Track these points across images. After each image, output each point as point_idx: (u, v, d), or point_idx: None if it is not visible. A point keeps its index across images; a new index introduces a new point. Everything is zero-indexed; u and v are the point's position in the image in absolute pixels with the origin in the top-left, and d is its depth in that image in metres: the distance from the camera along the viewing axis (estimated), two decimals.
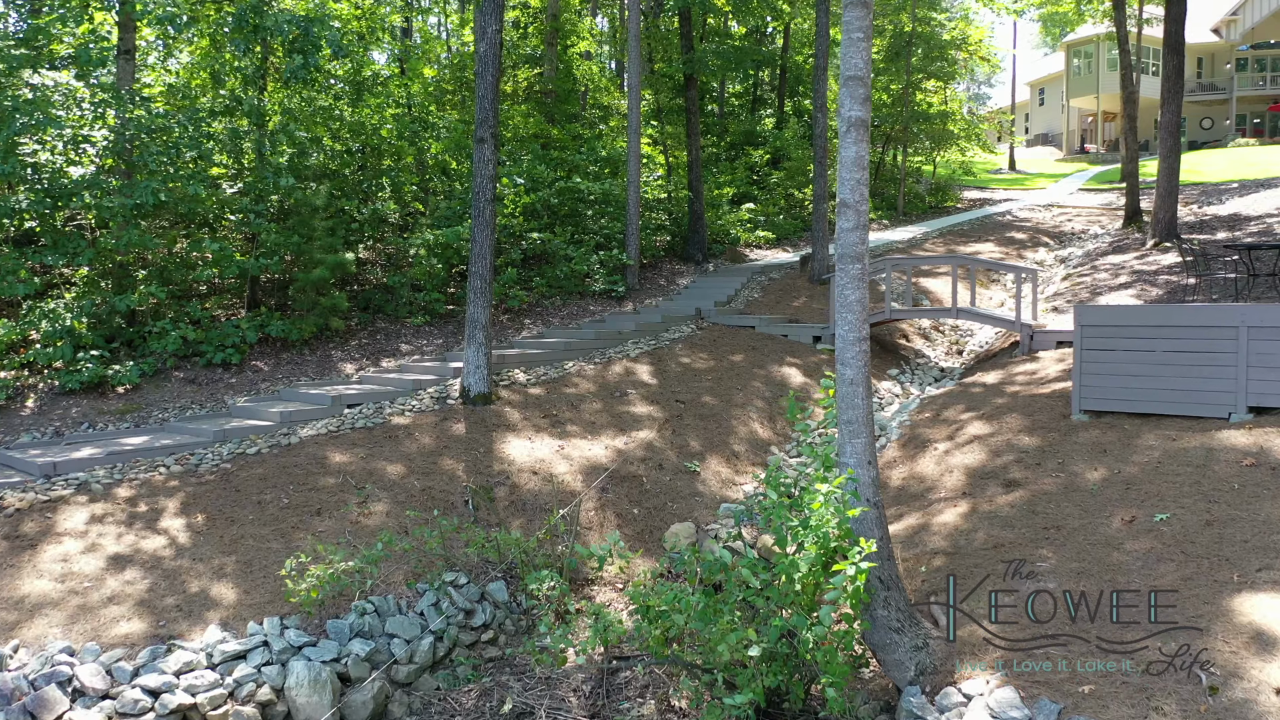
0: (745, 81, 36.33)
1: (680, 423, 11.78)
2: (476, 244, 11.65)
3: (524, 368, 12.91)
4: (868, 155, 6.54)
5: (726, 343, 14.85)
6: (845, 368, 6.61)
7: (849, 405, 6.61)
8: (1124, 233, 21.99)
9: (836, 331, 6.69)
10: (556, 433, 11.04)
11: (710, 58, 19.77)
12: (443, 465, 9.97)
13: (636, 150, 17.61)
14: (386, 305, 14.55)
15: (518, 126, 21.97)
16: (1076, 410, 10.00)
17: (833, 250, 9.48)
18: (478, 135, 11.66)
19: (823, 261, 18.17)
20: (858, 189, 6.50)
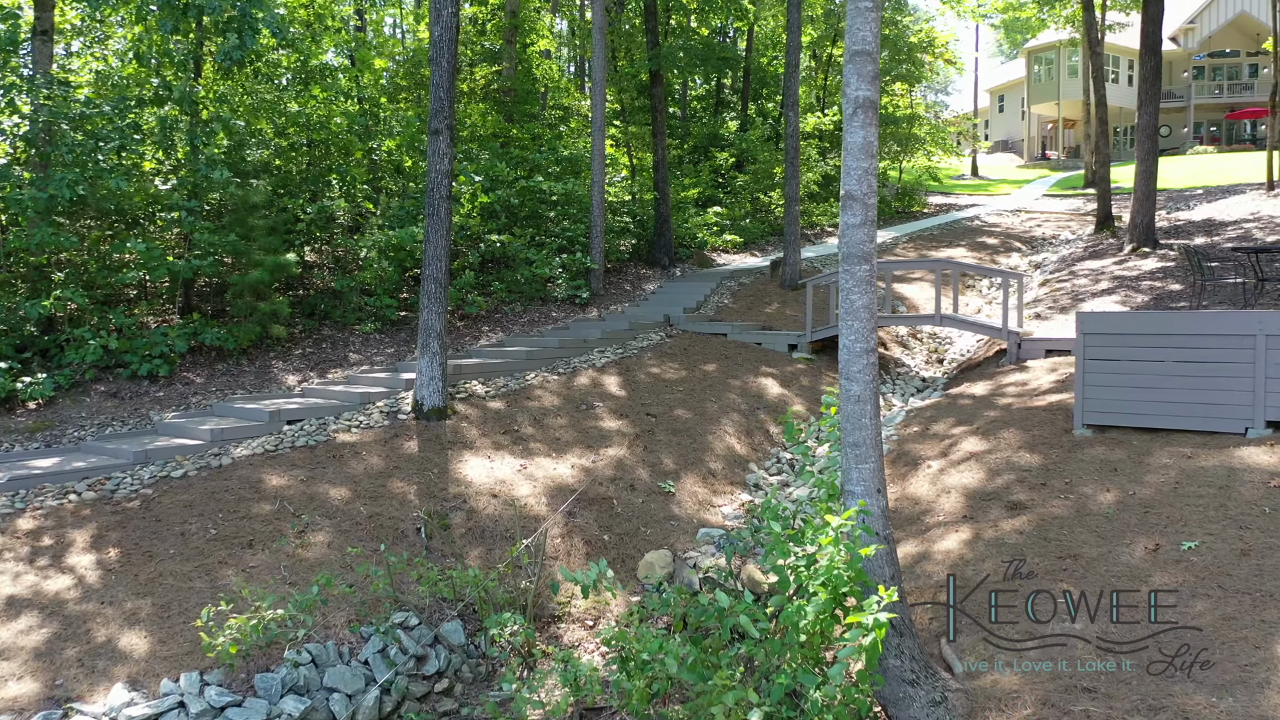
0: (708, 84, 35.68)
1: (652, 438, 10.93)
2: (430, 245, 10.72)
3: (482, 379, 11.99)
4: (877, 141, 5.74)
5: (698, 351, 14.03)
6: (851, 383, 5.80)
7: (855, 426, 5.80)
8: (1097, 238, 21.58)
9: (841, 342, 5.88)
10: (518, 450, 10.13)
11: (677, 54, 18.98)
12: (392, 488, 9.02)
13: (601, 148, 16.76)
14: (334, 311, 13.53)
15: (475, 125, 21.01)
16: (1079, 425, 9.32)
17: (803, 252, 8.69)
18: (432, 127, 10.74)
19: (795, 266, 17.46)
20: (865, 180, 5.70)
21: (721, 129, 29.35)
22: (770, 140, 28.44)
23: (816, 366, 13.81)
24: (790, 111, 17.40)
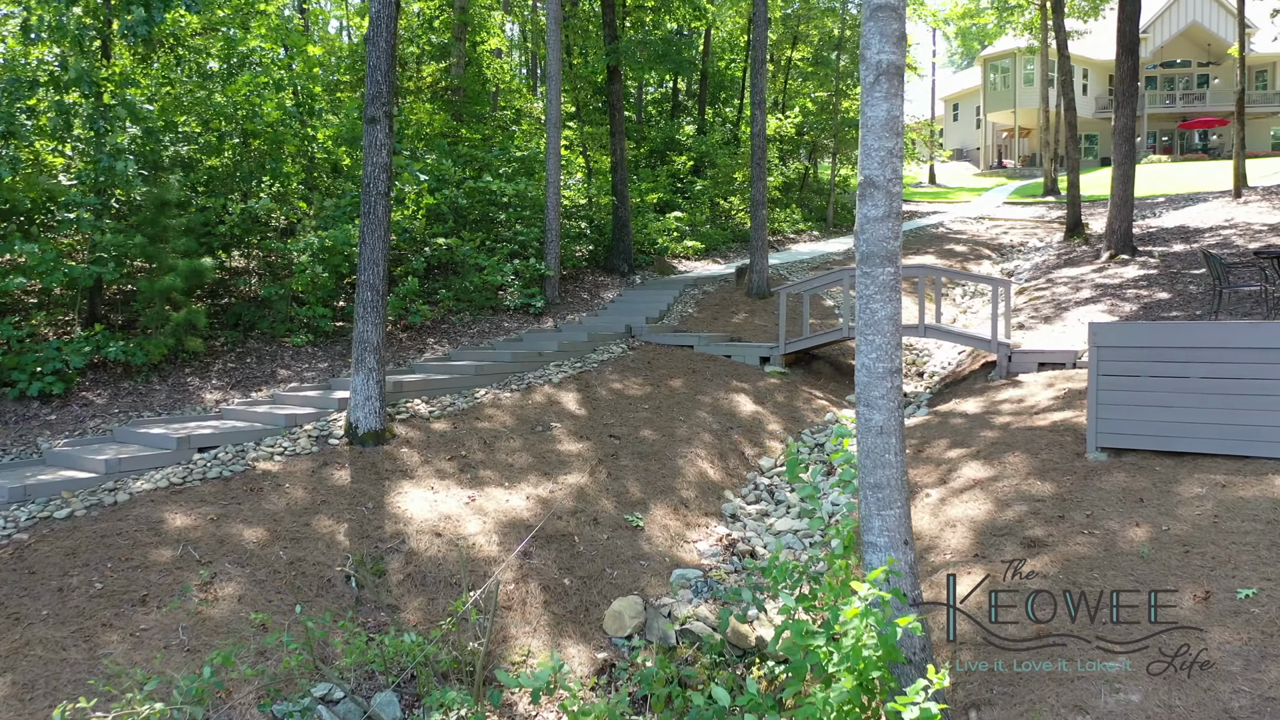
0: (664, 87, 34.73)
1: (616, 463, 9.81)
2: (366, 247, 9.50)
3: (426, 397, 10.77)
4: (903, 115, 4.70)
5: (663, 365, 12.95)
6: (872, 411, 4.74)
7: (877, 463, 4.75)
8: (1068, 245, 20.95)
9: (859, 361, 4.83)
10: (466, 479, 8.95)
11: (635, 49, 17.93)
12: (319, 527, 7.79)
13: (556, 146, 15.63)
14: (261, 321, 12.20)
15: (421, 123, 19.76)
16: (1092, 448, 8.39)
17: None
18: (368, 114, 9.53)
19: (762, 273, 16.47)
20: (889, 163, 4.67)
21: (678, 133, 28.39)
22: (730, 144, 27.54)
23: (791, 381, 12.80)
24: (757, 109, 16.43)
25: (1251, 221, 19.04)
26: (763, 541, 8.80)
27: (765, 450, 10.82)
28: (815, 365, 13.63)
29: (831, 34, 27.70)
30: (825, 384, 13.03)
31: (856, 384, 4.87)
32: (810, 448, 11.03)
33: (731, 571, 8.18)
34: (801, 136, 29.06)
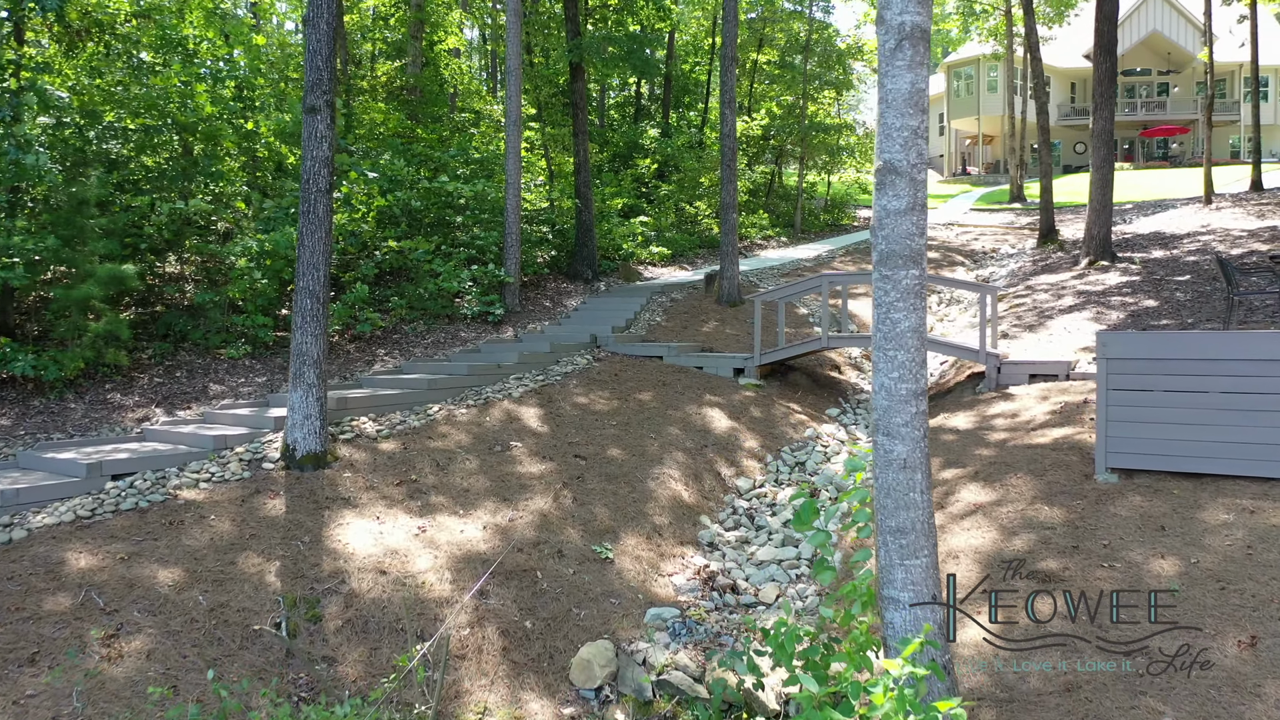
0: (628, 89, 34.02)
1: (582, 486, 8.98)
2: (306, 250, 8.59)
3: (374, 414, 9.86)
4: (928, 87, 3.95)
5: (630, 377, 12.14)
6: (893, 442, 3.97)
7: (900, 504, 3.98)
8: (1042, 251, 20.49)
9: (878, 381, 4.05)
10: (416, 507, 8.06)
11: (600, 44, 17.14)
12: (246, 566, 6.86)
13: (517, 146, 14.78)
14: (194, 332, 11.20)
15: (374, 122, 18.81)
16: (1101, 469, 7.72)
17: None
18: (307, 103, 8.64)
19: (733, 280, 15.74)
20: (913, 145, 3.91)
21: (642, 137, 27.65)
22: (695, 148, 26.85)
23: (767, 394, 12.05)
24: (727, 109, 15.71)
25: (1229, 227, 18.68)
26: (744, 573, 8.02)
27: (742, 470, 10.05)
28: (792, 377, 12.89)
29: (798, 36, 27.12)
30: (803, 397, 12.30)
31: (874, 408, 4.10)
32: (790, 467, 10.28)
33: (712, 609, 7.38)
34: (768, 141, 28.45)
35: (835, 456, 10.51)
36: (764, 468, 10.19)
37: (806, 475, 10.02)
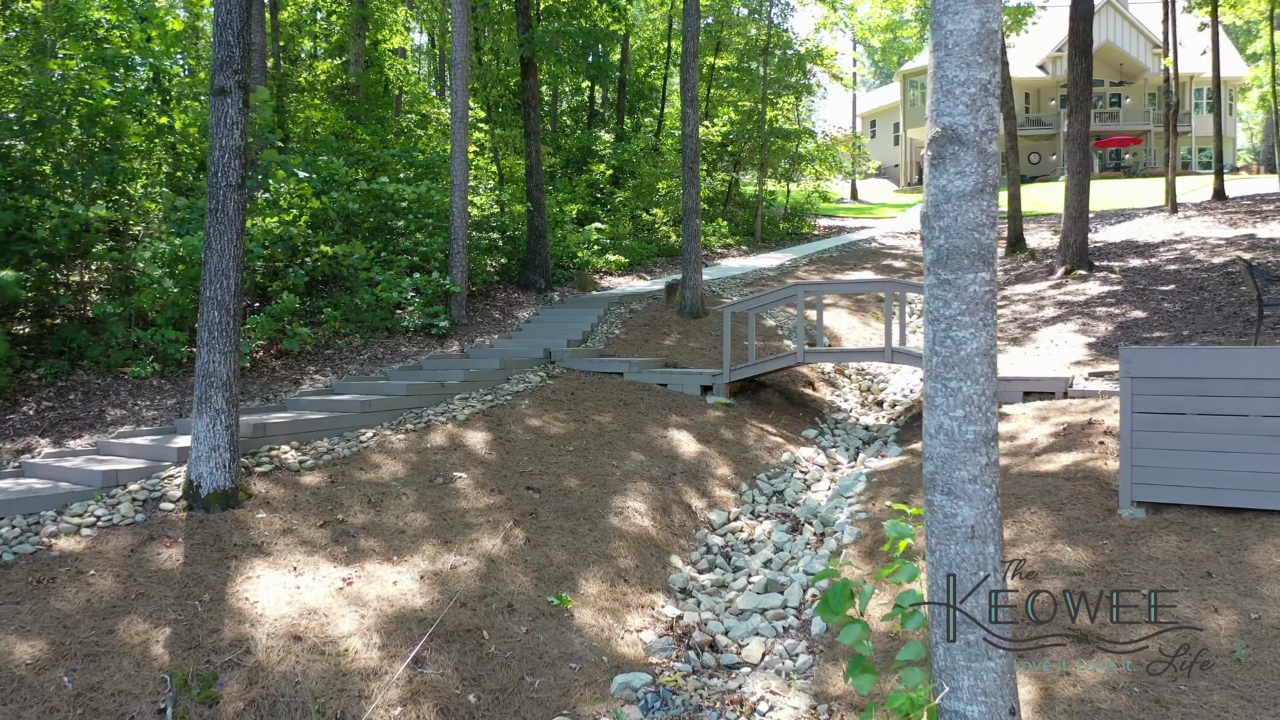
0: (580, 95, 33.01)
1: (536, 523, 7.88)
2: (213, 254, 7.41)
3: (297, 442, 8.67)
4: (1000, 31, 2.96)
5: (588, 396, 11.06)
6: (958, 503, 2.98)
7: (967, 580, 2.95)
8: (1011, 259, 19.84)
9: (934, 421, 3.05)
10: (342, 554, 6.91)
11: (553, 39, 16.07)
12: (128, 635, 5.66)
13: (463, 144, 13.65)
14: (93, 348, 9.89)
15: (310, 120, 17.56)
16: (1126, 503, 6.82)
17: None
18: (215, 84, 7.46)
19: (696, 290, 14.75)
20: (982, 105, 2.92)
21: (595, 143, 26.63)
22: (652, 153, 25.90)
23: (738, 414, 11.05)
24: (689, 107, 14.75)
25: (1204, 236, 18.16)
26: (723, 625, 6.98)
27: (715, 501, 9.02)
28: (764, 395, 11.91)
29: (757, 40, 26.33)
30: (777, 417, 11.32)
31: (927, 456, 3.09)
32: (768, 496, 9.28)
33: (689, 673, 6.32)
34: (726, 147, 27.60)
35: (816, 484, 9.53)
36: (738, 498, 9.17)
37: (786, 506, 9.03)
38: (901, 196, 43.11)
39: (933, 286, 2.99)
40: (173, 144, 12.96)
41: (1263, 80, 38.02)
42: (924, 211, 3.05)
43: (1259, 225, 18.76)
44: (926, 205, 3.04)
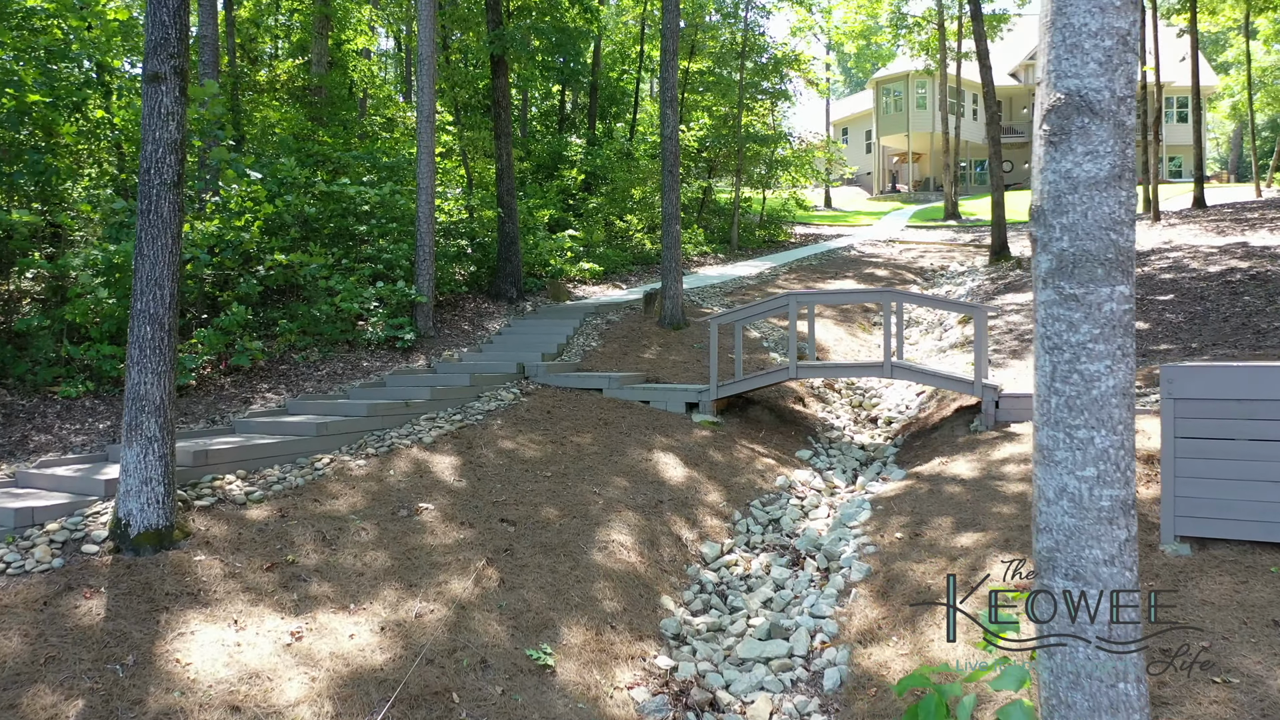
0: (551, 99, 32.25)
1: (511, 561, 7.08)
2: (145, 261, 6.57)
3: (245, 470, 7.81)
4: None
5: (566, 415, 10.28)
6: (1087, 588, 2.20)
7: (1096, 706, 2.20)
8: (996, 268, 19.33)
9: (1053, 481, 2.32)
10: (291, 602, 6.07)
11: (525, 34, 15.29)
12: (32, 710, 4.80)
13: (430, 145, 12.82)
14: (17, 365, 8.95)
15: (267, 121, 16.64)
16: (1169, 537, 6.16)
17: None
18: (149, 69, 6.63)
19: (677, 300, 14.01)
20: (1119, 64, 2.19)
21: (566, 148, 25.87)
22: (625, 158, 25.18)
23: (726, 433, 10.32)
24: (668, 108, 14.04)
25: (1195, 244, 17.72)
26: (723, 678, 6.21)
27: (706, 532, 8.26)
28: (752, 412, 11.19)
29: (734, 40, 25.72)
30: (768, 436, 10.59)
31: (1042, 526, 2.35)
32: (763, 526, 8.54)
33: None
34: (701, 153, 26.94)
35: (814, 511, 8.80)
36: (731, 528, 8.42)
37: (784, 537, 8.29)
38: (875, 204, 42.75)
39: (1051, 304, 2.27)
40: (117, 142, 12.02)
41: (1234, 89, 38.04)
42: (1036, 205, 2.33)
43: (1248, 233, 18.38)
44: (1040, 196, 2.31)
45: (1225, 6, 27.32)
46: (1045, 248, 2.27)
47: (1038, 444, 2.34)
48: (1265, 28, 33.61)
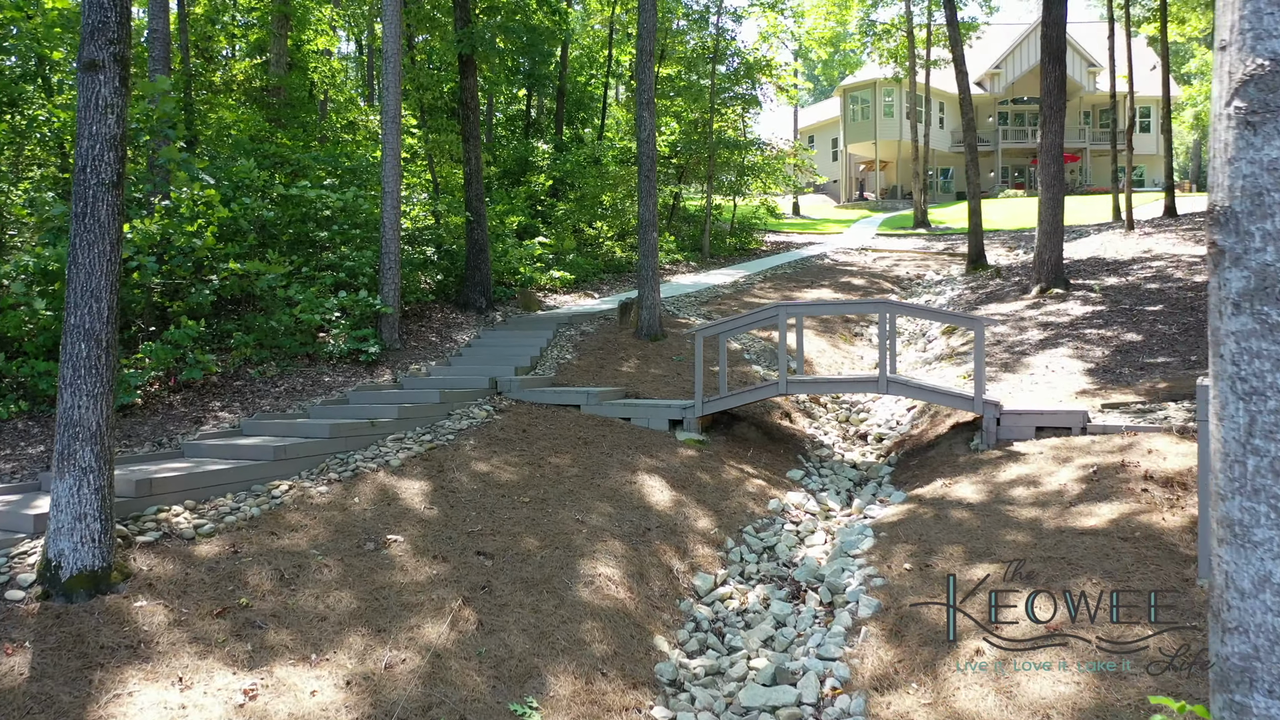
0: (517, 104, 31.61)
1: (489, 599, 6.46)
2: (80, 270, 5.88)
3: (194, 500, 7.12)
4: None
5: (542, 434, 9.67)
6: None
7: None
8: (974, 277, 19.02)
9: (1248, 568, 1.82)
10: (244, 654, 5.40)
11: (494, 33, 14.68)
12: None
13: (395, 146, 12.16)
14: None
15: (223, 122, 15.86)
16: (1208, 571, 5.66)
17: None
18: (84, 56, 5.96)
19: (654, 310, 13.46)
20: None
21: (533, 154, 25.25)
22: (593, 164, 24.62)
23: (713, 452, 9.77)
24: (645, 110, 13.50)
25: (1175, 253, 17.52)
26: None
27: (697, 562, 7.69)
28: (738, 429, 10.66)
29: (705, 44, 25.28)
30: (757, 455, 10.06)
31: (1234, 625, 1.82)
32: (757, 554, 7.99)
33: None
34: (671, 159, 26.46)
35: (810, 537, 8.27)
36: (724, 556, 7.86)
37: (780, 566, 7.75)
38: (843, 212, 42.56)
39: (1248, 335, 1.74)
40: (59, 141, 11.23)
41: (1197, 99, 38.34)
42: (1222, 206, 1.80)
43: None
44: (1228, 195, 1.78)
45: (1194, 16, 27.40)
46: (1239, 261, 1.74)
47: (1226, 517, 1.81)
48: None
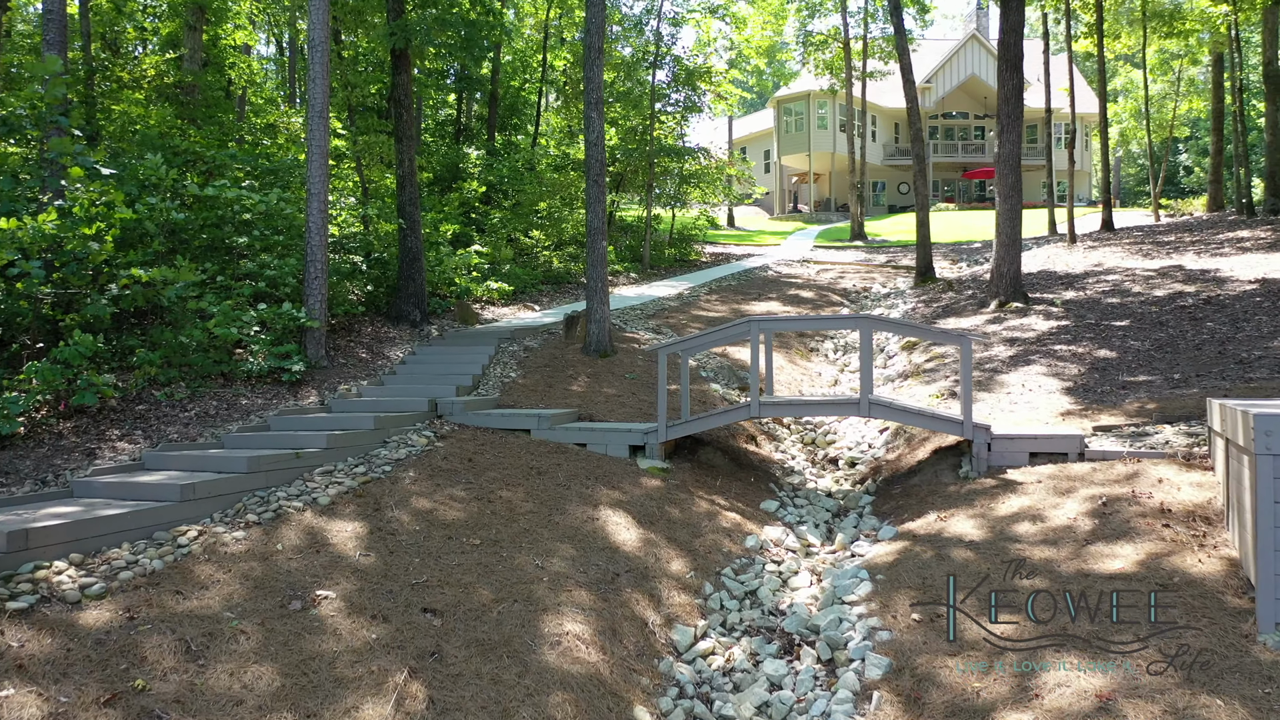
0: (447, 110, 30.44)
1: (440, 669, 5.48)
2: None
3: (82, 553, 5.99)
4: None
5: (491, 463, 8.69)
6: None
7: None
8: (924, 290, 18.59)
9: None
10: None
11: (430, 25, 13.65)
12: None
13: (323, 143, 11.06)
14: None
15: (127, 116, 14.51)
16: (1269, 626, 5.05)
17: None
18: None
19: (603, 324, 12.57)
20: None
21: (464, 160, 24.19)
22: (526, 170, 23.67)
23: (679, 481, 8.90)
24: (593, 110, 12.64)
25: (1129, 267, 17.31)
26: None
27: (674, 613, 6.80)
28: (703, 454, 9.82)
29: (646, 48, 24.55)
30: (726, 485, 9.22)
31: None
32: (739, 600, 7.14)
33: None
34: (609, 167, 25.63)
35: (794, 578, 7.46)
36: (703, 605, 6.99)
37: (766, 614, 6.92)
38: (778, 224, 42.28)
39: None
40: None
41: (1122, 116, 39.05)
42: None
43: (1175, 255, 18.13)
44: None
45: (1125, 32, 27.70)
46: None
47: None
48: (1152, 58, 34.53)
